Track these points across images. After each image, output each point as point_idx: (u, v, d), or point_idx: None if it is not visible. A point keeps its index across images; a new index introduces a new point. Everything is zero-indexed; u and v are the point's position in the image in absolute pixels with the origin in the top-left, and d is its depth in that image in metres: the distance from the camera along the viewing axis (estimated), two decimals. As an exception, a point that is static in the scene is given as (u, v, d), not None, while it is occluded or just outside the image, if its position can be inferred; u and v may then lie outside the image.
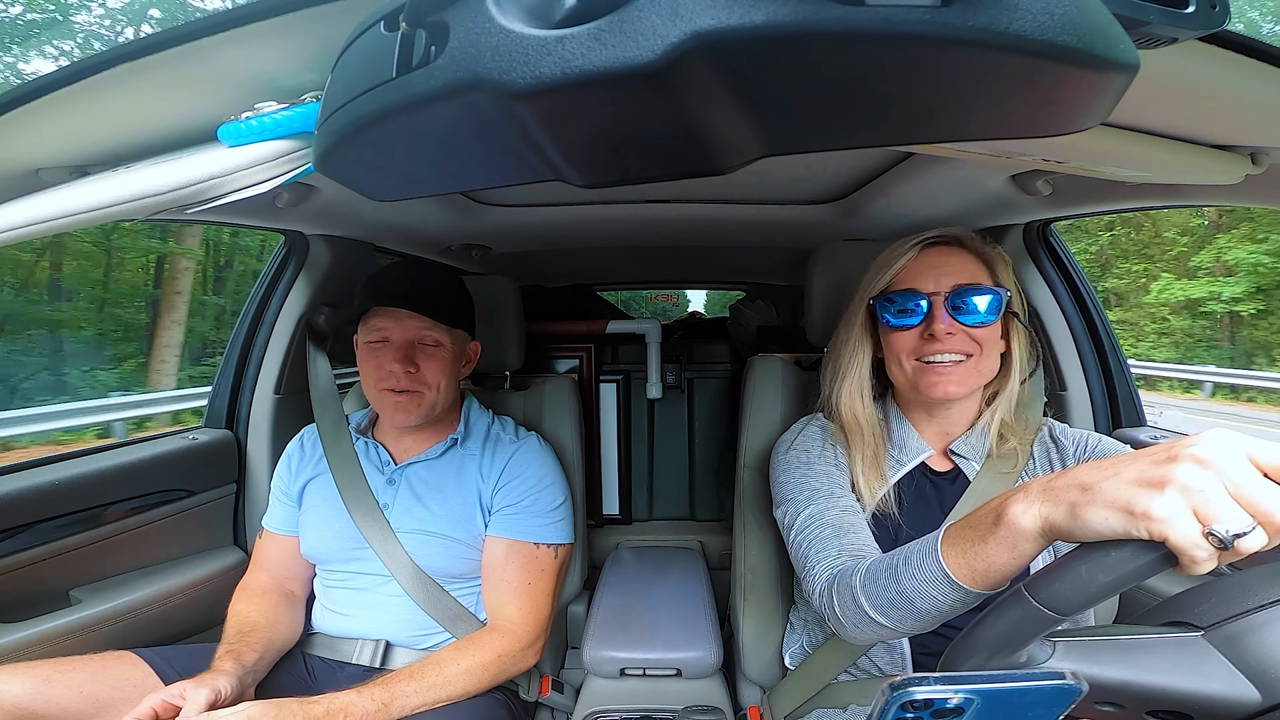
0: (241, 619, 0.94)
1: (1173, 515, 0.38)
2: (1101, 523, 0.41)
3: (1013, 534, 0.47)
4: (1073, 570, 0.41)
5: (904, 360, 0.80)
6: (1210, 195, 0.82)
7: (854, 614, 0.65)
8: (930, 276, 0.78)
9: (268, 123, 0.48)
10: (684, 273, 2.56)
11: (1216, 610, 0.43)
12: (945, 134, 0.33)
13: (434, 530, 0.97)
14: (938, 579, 0.55)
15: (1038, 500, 0.46)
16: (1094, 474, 0.43)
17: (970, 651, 0.45)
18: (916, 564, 0.57)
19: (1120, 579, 0.40)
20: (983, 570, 0.51)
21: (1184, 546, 0.37)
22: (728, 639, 1.11)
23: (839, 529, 0.74)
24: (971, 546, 0.51)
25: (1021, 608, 0.42)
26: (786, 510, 0.81)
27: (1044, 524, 0.45)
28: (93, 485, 1.05)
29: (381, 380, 0.96)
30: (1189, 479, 0.38)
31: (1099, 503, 0.41)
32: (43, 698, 0.75)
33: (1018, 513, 0.47)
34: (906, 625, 0.60)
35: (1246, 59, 0.45)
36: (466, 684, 0.86)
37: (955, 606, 0.55)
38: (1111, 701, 0.42)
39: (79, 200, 0.51)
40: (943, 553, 0.55)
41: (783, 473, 0.85)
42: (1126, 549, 0.40)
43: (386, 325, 0.96)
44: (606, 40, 0.27)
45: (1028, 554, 0.47)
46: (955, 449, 0.84)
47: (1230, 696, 0.39)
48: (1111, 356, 1.26)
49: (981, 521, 0.51)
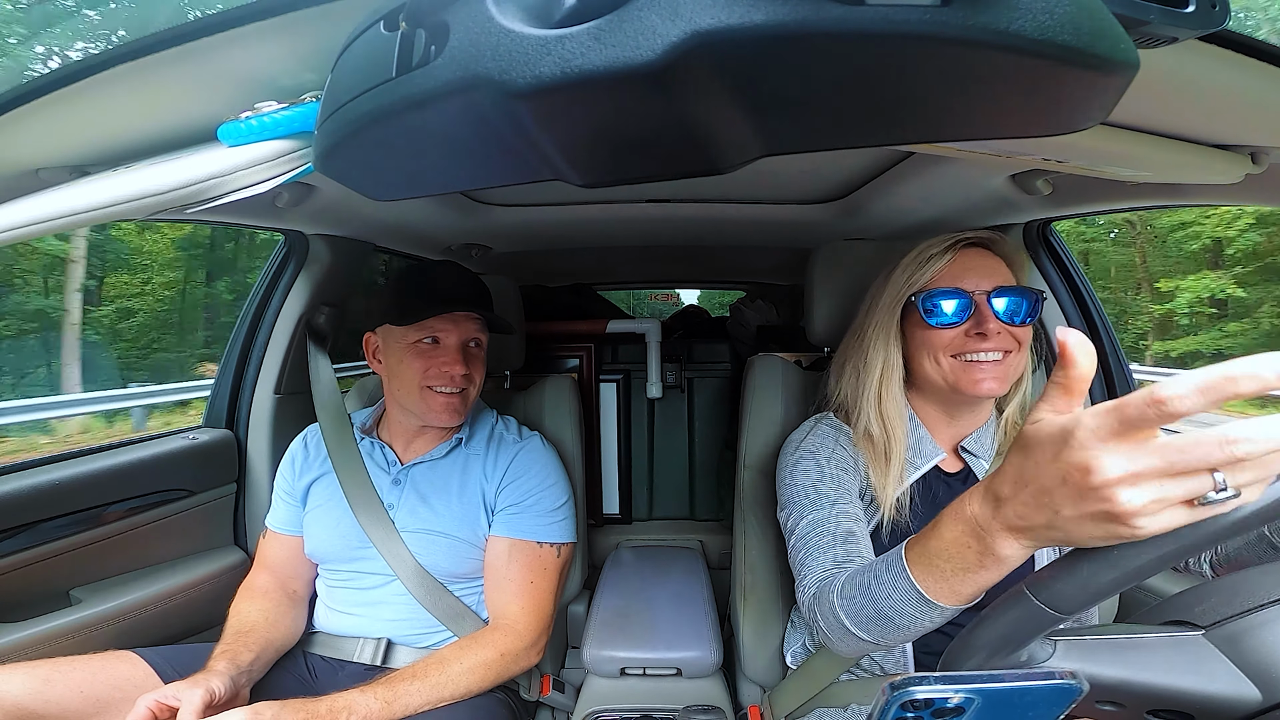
0: (241, 619, 0.94)
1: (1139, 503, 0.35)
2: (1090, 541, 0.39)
3: (1004, 564, 0.46)
4: (1075, 569, 0.41)
5: (941, 357, 0.79)
6: (1210, 195, 0.82)
7: (837, 629, 0.65)
8: (971, 277, 0.79)
9: (268, 123, 0.48)
10: (684, 272, 2.56)
11: (1217, 609, 0.43)
12: (945, 134, 0.33)
13: (439, 530, 0.97)
14: (917, 600, 0.54)
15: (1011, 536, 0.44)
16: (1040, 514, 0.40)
17: (970, 651, 0.45)
18: (889, 583, 0.57)
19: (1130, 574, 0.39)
20: (970, 594, 0.50)
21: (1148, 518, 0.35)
22: (728, 639, 1.11)
23: (838, 537, 0.74)
24: (955, 575, 0.50)
25: (1023, 607, 0.42)
26: (790, 513, 0.81)
27: (1036, 548, 0.44)
28: (93, 485, 1.05)
29: (431, 380, 0.96)
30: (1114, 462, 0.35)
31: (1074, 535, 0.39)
32: (42, 698, 0.75)
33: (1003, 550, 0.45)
34: (889, 640, 0.60)
35: (1246, 59, 0.45)
36: (469, 682, 0.86)
37: (938, 622, 0.55)
38: (1112, 700, 0.42)
39: (79, 200, 0.51)
40: (916, 576, 0.53)
41: (789, 474, 0.85)
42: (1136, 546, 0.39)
43: (444, 327, 0.96)
44: (606, 40, 0.27)
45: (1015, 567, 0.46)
46: (966, 446, 0.84)
47: (1231, 696, 0.39)
48: (1111, 356, 1.26)
49: (960, 554, 0.48)
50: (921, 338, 0.81)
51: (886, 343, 0.83)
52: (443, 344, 0.96)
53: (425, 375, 0.96)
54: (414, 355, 0.96)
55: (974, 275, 0.79)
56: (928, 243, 0.82)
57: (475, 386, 1.00)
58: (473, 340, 0.99)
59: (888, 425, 0.82)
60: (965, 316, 0.78)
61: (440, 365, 0.95)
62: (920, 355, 0.81)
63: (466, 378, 0.97)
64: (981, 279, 0.79)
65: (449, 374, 0.95)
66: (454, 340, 0.97)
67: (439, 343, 0.96)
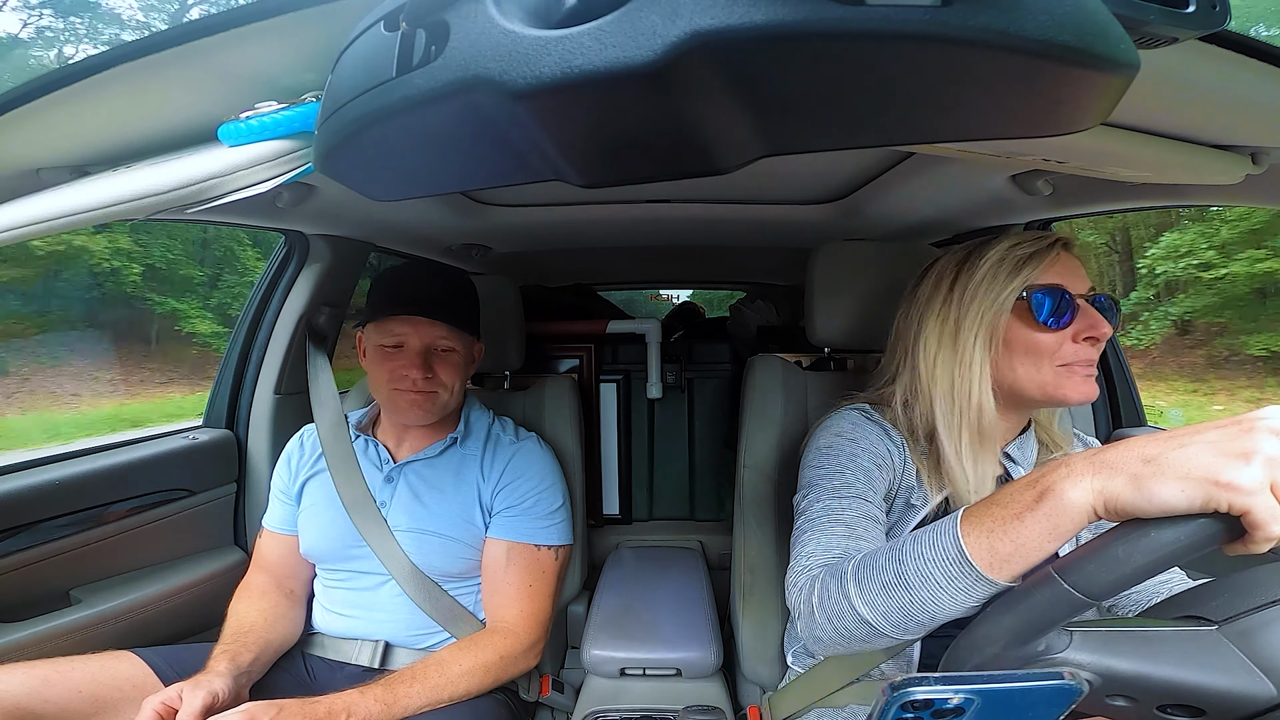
0: (240, 619, 0.94)
1: (1259, 487, 0.37)
2: (1175, 495, 0.39)
3: (1057, 510, 0.44)
4: (1108, 551, 0.40)
5: (1044, 364, 0.71)
6: (1211, 195, 0.82)
7: (835, 603, 0.59)
8: (1072, 277, 0.72)
9: (268, 122, 0.48)
10: (684, 272, 2.56)
11: (1232, 604, 0.42)
12: (946, 134, 0.33)
13: (432, 529, 0.97)
14: (949, 560, 0.50)
15: (1089, 473, 0.43)
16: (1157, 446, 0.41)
17: (990, 638, 0.44)
18: (928, 542, 0.52)
19: (1165, 558, 0.39)
20: (1006, 554, 0.46)
21: (1264, 520, 0.36)
22: (728, 639, 1.11)
23: (852, 530, 0.70)
24: (1000, 525, 0.47)
25: (1051, 590, 0.41)
26: (807, 495, 0.76)
27: (1098, 498, 0.42)
28: (93, 485, 1.05)
29: (395, 382, 0.96)
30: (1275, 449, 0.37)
31: (1170, 474, 0.39)
32: (42, 698, 0.75)
33: (1066, 487, 0.43)
34: (891, 620, 0.55)
35: (1247, 59, 0.45)
36: (468, 685, 0.86)
37: (956, 600, 0.50)
38: (1124, 694, 0.42)
39: (79, 200, 0.51)
40: (962, 527, 0.50)
41: (818, 456, 0.78)
42: (1182, 525, 0.39)
43: (404, 331, 0.96)
44: (607, 40, 0.27)
45: (1065, 534, 0.44)
46: (1009, 453, 0.80)
47: (1244, 691, 0.39)
48: (1112, 357, 1.26)
49: (1015, 499, 0.46)
50: (1025, 342, 0.72)
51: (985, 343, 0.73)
52: (405, 347, 0.96)
53: (391, 377, 0.96)
54: (381, 357, 0.97)
55: (1073, 275, 0.72)
56: (1018, 237, 0.74)
57: (447, 389, 0.98)
58: (440, 345, 0.97)
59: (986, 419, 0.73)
60: (1071, 318, 0.71)
61: (401, 368, 0.95)
62: (1019, 357, 0.72)
63: (432, 380, 0.96)
64: (1078, 280, 0.72)
65: (409, 377, 0.95)
66: (415, 344, 0.96)
67: (404, 347, 0.96)
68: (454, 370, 0.99)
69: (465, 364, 1.02)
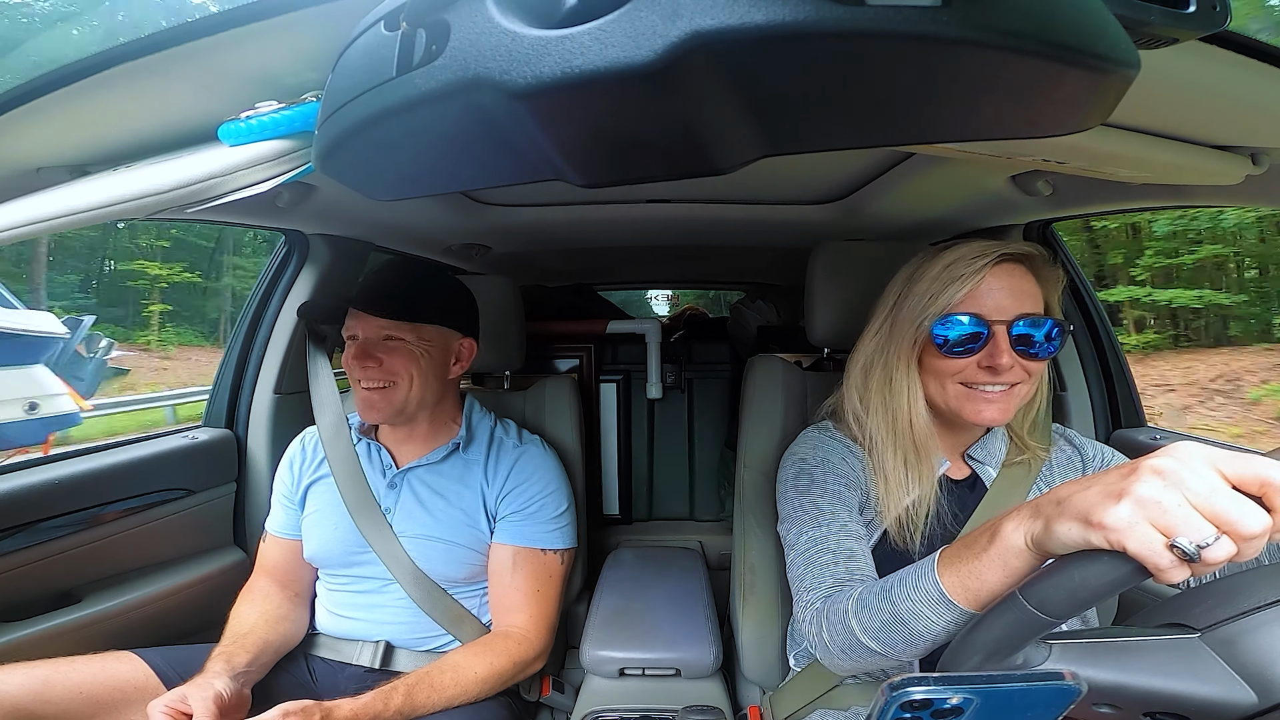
0: (240, 621, 0.94)
1: (1126, 525, 0.40)
2: (1066, 534, 0.43)
3: (1004, 550, 0.49)
4: (1064, 575, 0.42)
5: (947, 384, 0.76)
6: (1211, 196, 0.82)
7: (843, 639, 0.64)
8: (994, 301, 0.73)
9: (268, 122, 0.48)
10: (684, 272, 2.56)
11: (1213, 612, 0.43)
12: (945, 134, 0.33)
13: (437, 535, 0.97)
14: (933, 598, 0.56)
15: (1026, 516, 0.48)
16: (1070, 489, 0.45)
17: (968, 653, 0.46)
18: (912, 584, 0.58)
19: (1103, 586, 0.41)
20: (975, 589, 0.52)
21: (1143, 555, 0.39)
22: (728, 639, 1.11)
23: (840, 555, 0.73)
24: (966, 565, 0.53)
25: (1016, 610, 0.44)
26: (790, 528, 0.80)
27: (1027, 537, 0.47)
28: (93, 485, 1.05)
29: (353, 380, 0.97)
30: (1145, 491, 0.40)
31: (1067, 515, 0.43)
32: (42, 698, 0.75)
33: (1008, 529, 0.49)
34: (897, 649, 0.60)
35: (1247, 59, 0.45)
36: (481, 691, 0.87)
37: (949, 628, 0.56)
38: (1108, 703, 0.42)
39: (79, 200, 0.51)
40: (939, 571, 0.56)
41: (789, 489, 0.83)
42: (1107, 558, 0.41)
43: (353, 325, 0.97)
44: (607, 40, 0.27)
45: (1018, 571, 0.49)
46: (972, 454, 0.82)
47: (1226, 698, 0.40)
48: (1112, 357, 1.26)
49: (978, 540, 0.53)
50: (931, 363, 0.77)
51: (909, 364, 0.78)
52: (360, 340, 0.96)
53: (350, 375, 0.98)
54: (346, 354, 0.98)
55: (999, 297, 0.73)
56: (959, 252, 0.75)
57: (405, 380, 0.95)
58: (384, 337, 0.96)
59: (918, 435, 0.78)
60: (978, 348, 0.73)
61: (351, 362, 0.96)
62: (928, 375, 0.78)
63: (381, 371, 0.94)
64: (1006, 302, 0.73)
65: (359, 367, 0.95)
66: (360, 337, 0.96)
67: (356, 339, 0.97)
68: (405, 359, 0.95)
69: (430, 358, 0.98)
